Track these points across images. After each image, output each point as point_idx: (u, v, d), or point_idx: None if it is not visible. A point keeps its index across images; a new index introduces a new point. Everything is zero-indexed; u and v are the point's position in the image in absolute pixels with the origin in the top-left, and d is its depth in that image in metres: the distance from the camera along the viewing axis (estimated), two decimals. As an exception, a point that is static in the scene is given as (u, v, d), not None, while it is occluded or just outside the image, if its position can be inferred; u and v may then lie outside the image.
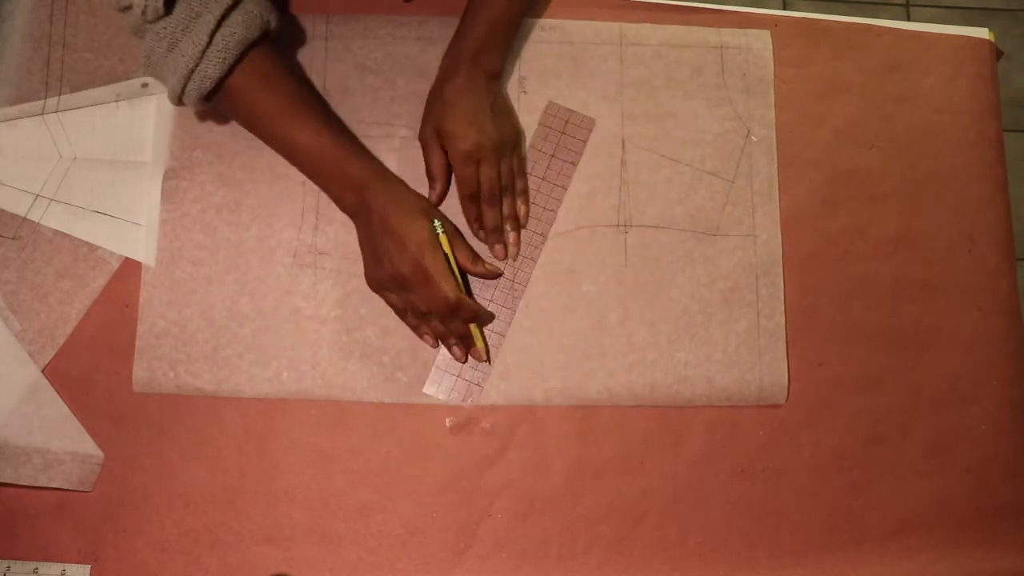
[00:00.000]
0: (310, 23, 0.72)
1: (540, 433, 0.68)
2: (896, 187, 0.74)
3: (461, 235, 0.68)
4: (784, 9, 1.24)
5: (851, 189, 0.73)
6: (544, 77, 0.73)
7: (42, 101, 0.70)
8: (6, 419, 0.65)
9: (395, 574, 0.66)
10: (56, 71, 0.71)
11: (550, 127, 0.72)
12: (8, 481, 0.65)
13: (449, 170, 0.68)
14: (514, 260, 0.70)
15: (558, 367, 0.68)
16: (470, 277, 0.69)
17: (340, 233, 0.69)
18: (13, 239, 0.68)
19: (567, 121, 0.72)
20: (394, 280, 0.63)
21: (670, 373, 0.69)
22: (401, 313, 0.67)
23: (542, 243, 0.70)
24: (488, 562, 0.66)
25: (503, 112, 0.69)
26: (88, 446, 0.66)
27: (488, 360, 0.67)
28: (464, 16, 0.68)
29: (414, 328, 0.67)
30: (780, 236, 0.72)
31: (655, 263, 0.70)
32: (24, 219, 0.68)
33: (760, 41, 0.75)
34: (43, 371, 0.66)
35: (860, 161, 0.74)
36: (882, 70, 0.76)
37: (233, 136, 0.70)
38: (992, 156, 0.75)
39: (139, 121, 0.70)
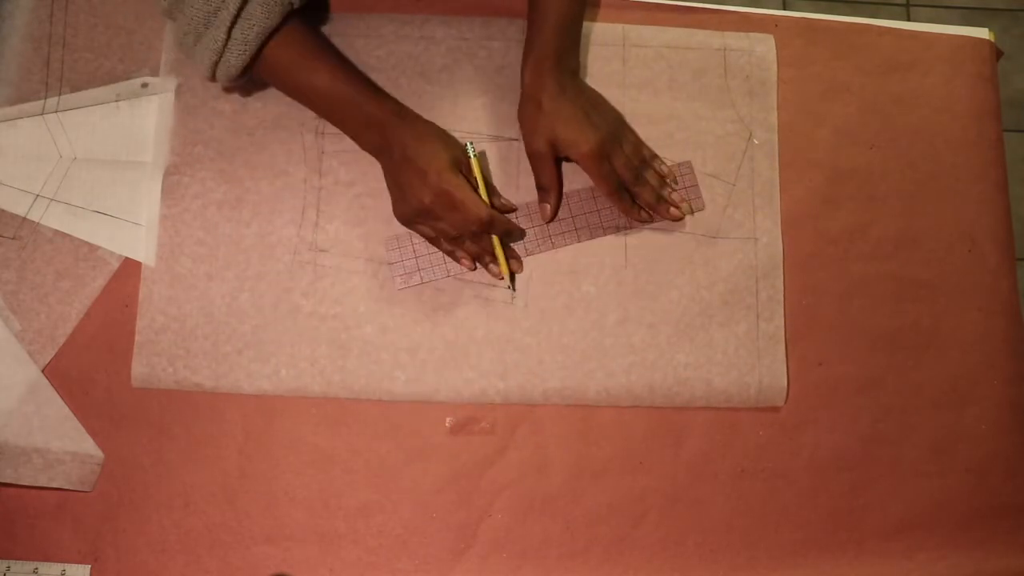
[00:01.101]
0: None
1: (540, 433, 0.68)
2: (896, 187, 0.74)
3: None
4: (784, 9, 1.24)
5: (851, 189, 0.73)
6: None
7: (42, 101, 0.70)
8: (6, 419, 0.65)
9: (395, 574, 0.66)
10: (56, 71, 0.71)
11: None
12: (8, 481, 0.65)
13: (560, 180, 0.69)
14: (691, 213, 0.71)
15: (557, 367, 0.68)
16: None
17: (340, 230, 0.69)
18: (13, 239, 0.68)
19: (684, 181, 0.72)
20: (420, 211, 0.64)
21: (669, 375, 0.69)
22: (435, 242, 0.68)
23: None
24: (488, 562, 0.66)
25: (597, 101, 0.70)
26: (88, 446, 0.66)
27: (511, 286, 0.69)
28: (531, 26, 0.67)
29: (449, 254, 0.68)
30: (781, 240, 0.72)
31: (655, 265, 0.70)
32: (24, 219, 0.68)
33: (763, 44, 0.75)
34: (43, 371, 0.66)
35: (860, 161, 0.74)
36: (882, 70, 0.76)
37: (235, 133, 0.70)
38: (992, 156, 0.75)
39: (139, 121, 0.70)
